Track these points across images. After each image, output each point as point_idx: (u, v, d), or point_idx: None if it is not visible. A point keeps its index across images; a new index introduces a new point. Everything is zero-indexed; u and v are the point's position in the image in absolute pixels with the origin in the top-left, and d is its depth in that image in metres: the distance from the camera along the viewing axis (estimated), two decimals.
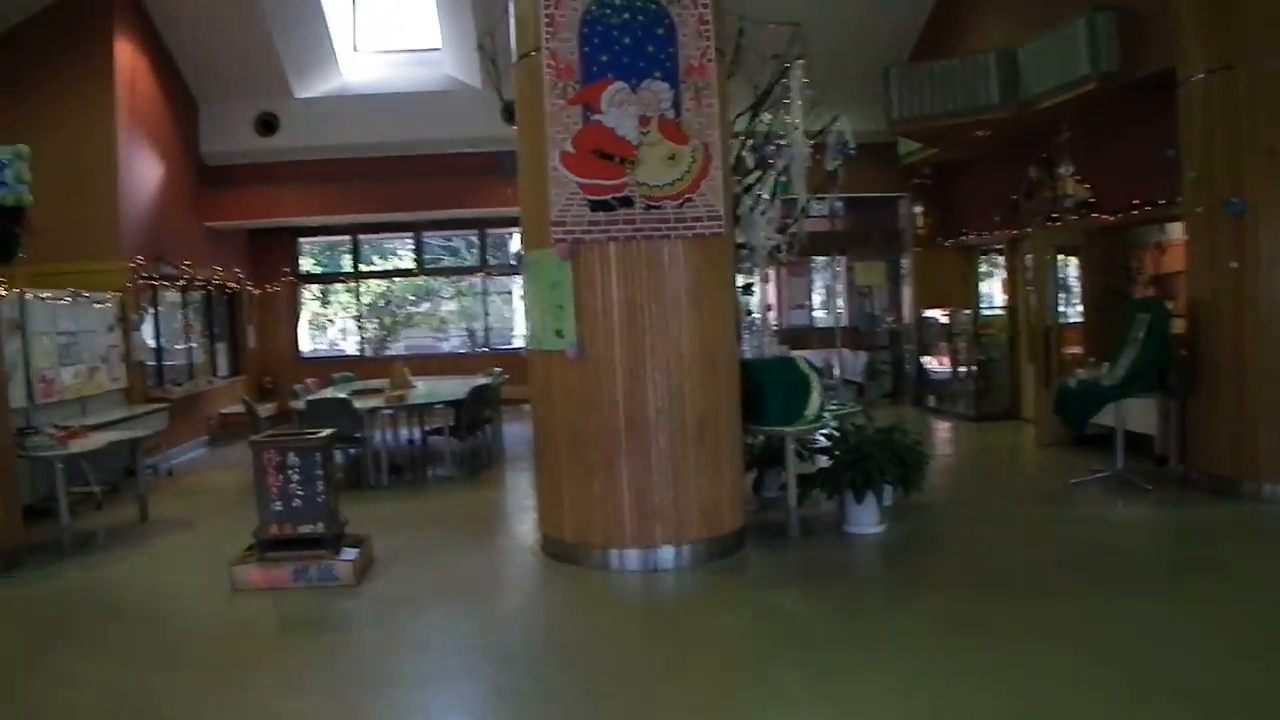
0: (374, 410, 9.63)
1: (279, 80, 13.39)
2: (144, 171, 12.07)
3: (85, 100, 11.21)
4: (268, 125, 13.86)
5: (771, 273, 16.82)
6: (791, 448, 6.72)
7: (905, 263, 14.77)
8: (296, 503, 6.18)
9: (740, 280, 8.32)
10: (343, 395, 9.89)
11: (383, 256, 17.44)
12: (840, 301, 16.00)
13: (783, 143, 8.02)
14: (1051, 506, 7.68)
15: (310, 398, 9.81)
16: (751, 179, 8.25)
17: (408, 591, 6.07)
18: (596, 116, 6.13)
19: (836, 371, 14.36)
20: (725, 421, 6.40)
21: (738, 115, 7.99)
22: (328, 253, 17.26)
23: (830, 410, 7.39)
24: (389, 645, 5.14)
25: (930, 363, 13.68)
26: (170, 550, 7.54)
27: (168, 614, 5.83)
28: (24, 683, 4.77)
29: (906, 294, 14.74)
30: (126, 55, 11.63)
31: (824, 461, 7.15)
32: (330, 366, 14.15)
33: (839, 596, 5.58)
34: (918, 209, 14.31)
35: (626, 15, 6.18)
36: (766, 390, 6.80)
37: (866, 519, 6.78)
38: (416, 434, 10.79)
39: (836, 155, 8.27)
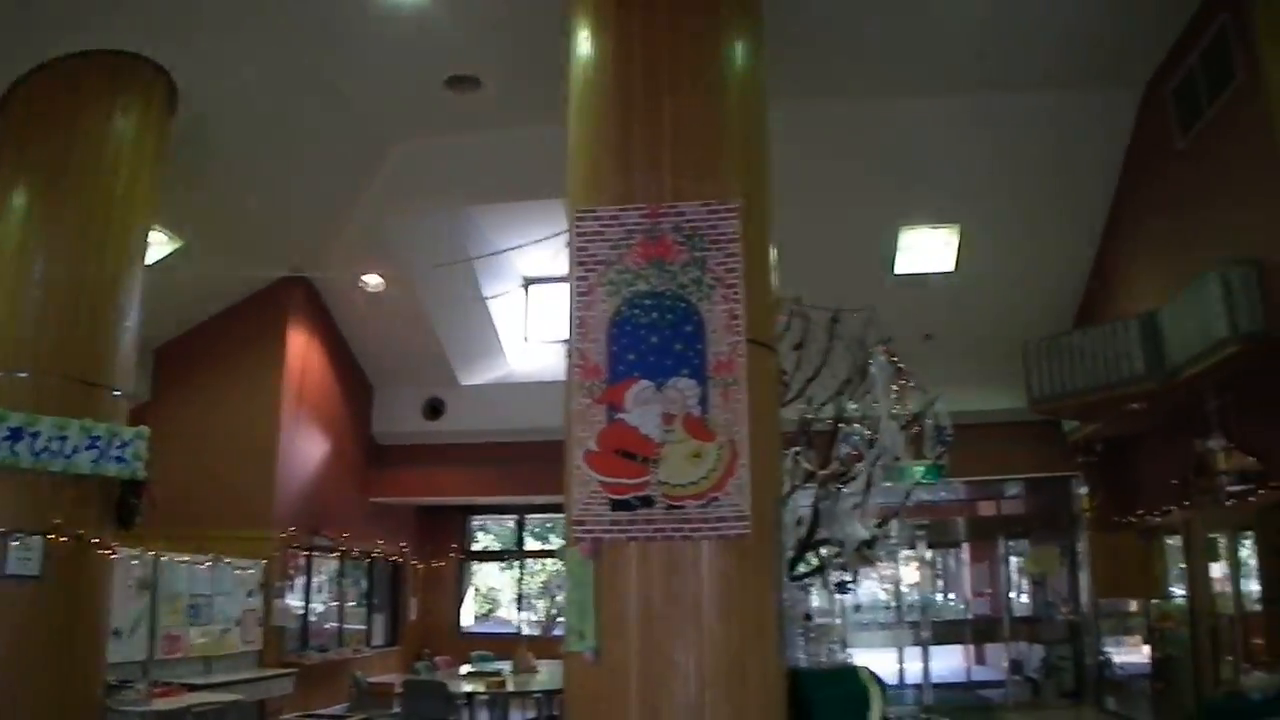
0: (470, 695, 9.49)
1: (445, 370, 14.32)
2: (308, 448, 12.98)
3: (257, 383, 12.52)
4: (435, 409, 14.73)
5: (947, 561, 15.94)
6: None
7: (1081, 547, 13.56)
8: None
9: (835, 578, 7.87)
10: (435, 678, 9.86)
11: (557, 536, 17.76)
12: (1019, 590, 14.83)
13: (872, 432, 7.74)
14: None
15: (410, 678, 9.84)
16: (855, 470, 7.92)
17: None
18: (620, 415, 6.07)
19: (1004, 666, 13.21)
20: None
21: (822, 404, 7.80)
22: (497, 531, 17.73)
23: None
24: None
25: (1111, 659, 12.26)
26: None
27: None
28: None
29: (1084, 581, 13.44)
30: (299, 344, 12.86)
31: None
32: (491, 644, 14.21)
33: None
34: (1083, 489, 13.27)
35: (655, 314, 6.20)
36: (815, 706, 6.20)
37: None
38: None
39: (934, 442, 7.89)
